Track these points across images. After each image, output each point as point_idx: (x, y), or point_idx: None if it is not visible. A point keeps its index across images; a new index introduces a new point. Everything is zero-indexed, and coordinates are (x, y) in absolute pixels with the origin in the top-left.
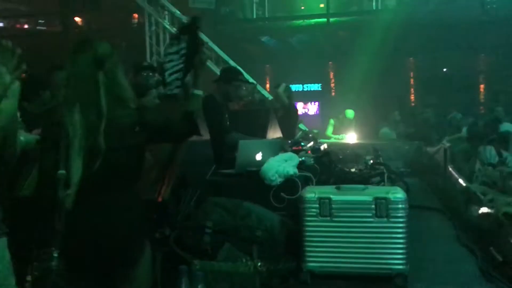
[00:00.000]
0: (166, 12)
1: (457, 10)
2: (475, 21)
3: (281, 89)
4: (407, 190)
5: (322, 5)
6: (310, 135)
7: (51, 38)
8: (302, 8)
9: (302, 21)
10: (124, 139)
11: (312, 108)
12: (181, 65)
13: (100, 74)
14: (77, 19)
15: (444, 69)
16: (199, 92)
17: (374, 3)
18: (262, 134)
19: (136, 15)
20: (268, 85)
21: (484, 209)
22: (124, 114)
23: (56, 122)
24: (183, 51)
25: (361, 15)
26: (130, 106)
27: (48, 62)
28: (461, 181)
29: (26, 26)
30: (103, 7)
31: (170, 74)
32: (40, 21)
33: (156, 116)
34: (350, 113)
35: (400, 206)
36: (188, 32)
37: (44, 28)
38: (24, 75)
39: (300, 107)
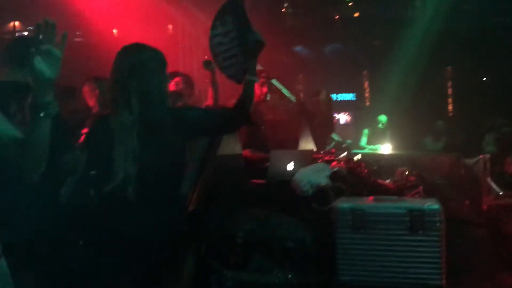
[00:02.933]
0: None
1: (496, 16)
2: None
3: (322, 96)
4: (444, 203)
5: (356, 14)
6: (344, 145)
7: (88, 49)
8: (337, 17)
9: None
10: (159, 138)
11: (345, 118)
12: (236, 49)
13: (133, 78)
14: (113, 30)
15: (484, 78)
16: (253, 78)
17: (409, 11)
18: (294, 144)
19: (170, 26)
20: (302, 95)
21: None
22: (158, 114)
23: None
24: (232, 34)
25: (396, 24)
26: (165, 106)
27: (85, 73)
28: (501, 193)
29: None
30: (138, 18)
31: (225, 59)
32: (77, 33)
33: (195, 113)
34: (383, 117)
35: (436, 218)
36: (232, 12)
37: (81, 39)
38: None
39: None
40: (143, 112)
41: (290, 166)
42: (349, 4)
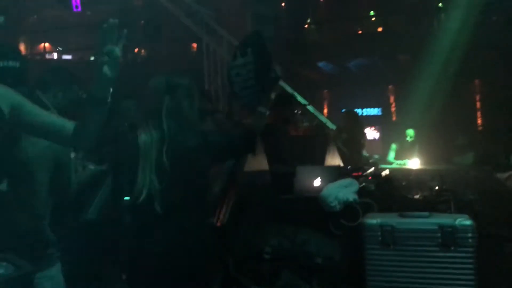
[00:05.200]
0: (224, 42)
1: None
2: None
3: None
4: (476, 218)
5: (380, 29)
6: (371, 161)
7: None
8: (360, 32)
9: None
10: (188, 160)
11: (372, 133)
12: (253, 81)
13: (166, 98)
14: (137, 50)
15: None
16: (263, 110)
17: (435, 24)
18: (320, 160)
19: (195, 45)
20: (326, 110)
21: None
22: (187, 136)
23: (129, 145)
24: (251, 66)
25: (421, 37)
26: (195, 129)
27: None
28: None
29: (92, 58)
30: (163, 37)
31: (241, 89)
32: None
33: (218, 137)
34: (410, 131)
35: (468, 234)
36: (252, 45)
37: None
38: None
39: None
40: (172, 132)
41: (317, 182)
42: (372, 19)
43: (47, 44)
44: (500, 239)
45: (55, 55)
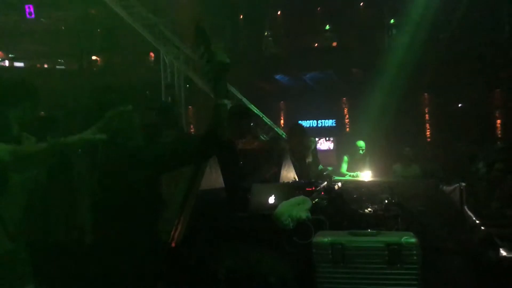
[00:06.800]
0: (181, 53)
1: (470, 45)
2: (489, 56)
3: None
4: (423, 232)
5: (335, 44)
6: (325, 173)
7: (70, 77)
8: (316, 45)
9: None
10: (121, 177)
11: (326, 144)
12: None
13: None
14: (94, 58)
15: (460, 105)
16: (221, 101)
17: (386, 40)
18: (276, 173)
19: (152, 54)
20: (282, 121)
21: (503, 252)
22: (120, 153)
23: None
24: (205, 57)
25: (374, 52)
26: (128, 145)
27: (67, 100)
28: (478, 222)
29: (45, 66)
30: (120, 46)
31: (208, 82)
32: (60, 60)
33: (156, 151)
34: (361, 143)
35: (413, 252)
36: (200, 36)
37: (63, 67)
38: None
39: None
40: (102, 154)
41: (272, 199)
42: (327, 34)
43: None
44: (445, 251)
45: (6, 63)
